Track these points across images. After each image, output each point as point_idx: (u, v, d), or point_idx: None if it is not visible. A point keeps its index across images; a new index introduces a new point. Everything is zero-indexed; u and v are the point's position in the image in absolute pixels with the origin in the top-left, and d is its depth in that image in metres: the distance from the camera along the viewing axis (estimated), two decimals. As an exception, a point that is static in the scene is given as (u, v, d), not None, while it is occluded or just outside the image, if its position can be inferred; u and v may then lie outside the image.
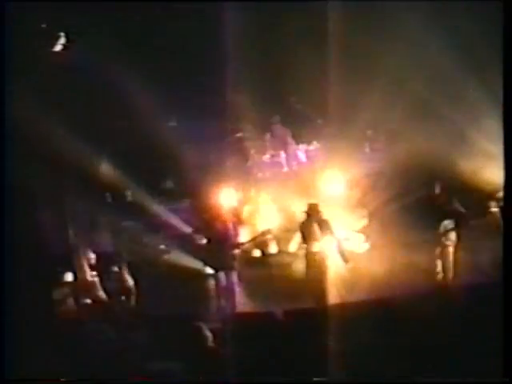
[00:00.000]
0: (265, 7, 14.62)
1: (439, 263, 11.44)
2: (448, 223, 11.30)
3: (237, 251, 11.72)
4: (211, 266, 11.68)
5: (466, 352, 7.00)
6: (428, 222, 11.65)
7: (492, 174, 12.28)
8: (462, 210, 11.31)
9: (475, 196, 12.36)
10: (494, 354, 6.77)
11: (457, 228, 11.28)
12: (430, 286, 10.85)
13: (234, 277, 11.60)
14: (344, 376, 6.88)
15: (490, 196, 12.08)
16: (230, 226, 11.62)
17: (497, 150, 10.30)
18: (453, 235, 11.29)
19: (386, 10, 14.12)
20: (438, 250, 11.46)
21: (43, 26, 13.94)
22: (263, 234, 13.03)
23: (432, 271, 11.53)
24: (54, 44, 14.20)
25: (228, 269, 11.48)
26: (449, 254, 11.29)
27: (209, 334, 8.04)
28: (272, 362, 7.47)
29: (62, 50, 14.27)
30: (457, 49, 14.02)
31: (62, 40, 14.25)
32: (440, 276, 11.39)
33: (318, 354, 7.38)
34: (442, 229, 11.31)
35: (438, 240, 11.37)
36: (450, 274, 11.27)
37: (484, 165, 13.71)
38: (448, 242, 11.29)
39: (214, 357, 7.79)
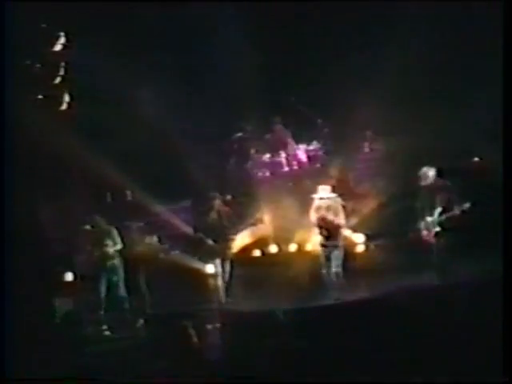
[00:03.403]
0: (265, 7, 14.61)
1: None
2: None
3: (228, 243, 12.01)
4: (208, 259, 11.88)
5: (465, 352, 7.00)
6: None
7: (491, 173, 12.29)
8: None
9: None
10: (494, 354, 6.77)
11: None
12: (430, 284, 10.83)
13: (227, 266, 11.95)
14: (344, 376, 6.88)
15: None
16: (223, 216, 11.90)
17: (496, 149, 10.31)
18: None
19: (385, 11, 14.13)
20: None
21: (43, 26, 13.93)
22: (252, 224, 13.18)
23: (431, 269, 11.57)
24: (54, 44, 14.19)
25: (224, 259, 11.83)
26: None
27: (194, 335, 8.06)
28: (272, 361, 7.47)
29: (62, 49, 14.25)
30: (457, 48, 14.04)
31: (62, 40, 14.24)
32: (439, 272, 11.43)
33: (317, 354, 7.38)
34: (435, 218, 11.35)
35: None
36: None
37: (483, 164, 13.75)
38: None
39: (209, 356, 7.79)
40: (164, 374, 7.74)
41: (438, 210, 11.27)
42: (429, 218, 11.31)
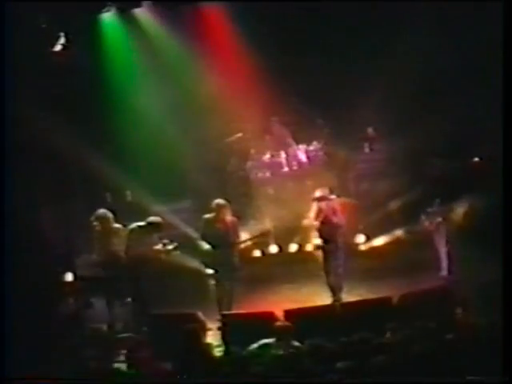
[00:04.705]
0: (265, 7, 14.60)
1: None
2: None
3: (235, 252, 11.58)
4: (210, 267, 11.65)
5: (465, 352, 7.00)
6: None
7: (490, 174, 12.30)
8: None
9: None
10: (493, 354, 6.77)
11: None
12: (429, 284, 10.83)
13: (234, 276, 11.58)
14: (344, 376, 6.87)
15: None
16: (229, 226, 11.54)
17: (496, 149, 10.31)
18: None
19: (385, 10, 14.13)
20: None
21: (43, 26, 13.94)
22: (262, 234, 12.99)
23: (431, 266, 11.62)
24: (53, 44, 14.20)
25: (227, 269, 11.45)
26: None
27: (195, 336, 8.04)
28: (271, 362, 7.46)
29: (62, 49, 14.26)
30: (456, 48, 14.04)
31: (62, 40, 14.24)
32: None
33: (317, 354, 7.37)
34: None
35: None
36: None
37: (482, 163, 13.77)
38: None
39: (210, 356, 7.78)
40: (165, 375, 7.73)
41: (438, 200, 11.37)
42: (429, 209, 11.42)
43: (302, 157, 15.27)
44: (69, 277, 13.18)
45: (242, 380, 7.21)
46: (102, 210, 11.68)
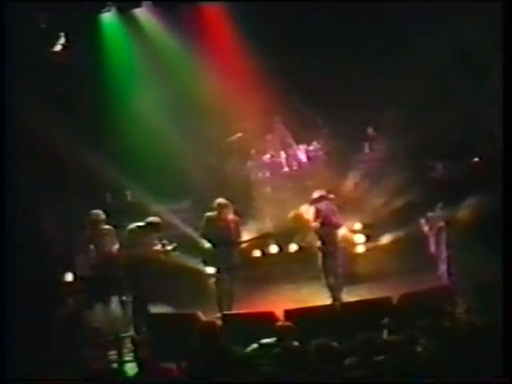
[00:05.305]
0: (265, 7, 14.60)
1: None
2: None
3: (236, 251, 11.61)
4: (211, 266, 11.64)
5: (465, 352, 7.00)
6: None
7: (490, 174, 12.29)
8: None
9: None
10: (494, 354, 6.77)
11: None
12: (429, 284, 10.83)
13: (234, 275, 11.56)
14: (344, 376, 6.87)
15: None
16: (231, 226, 11.54)
17: (496, 149, 10.33)
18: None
19: (385, 10, 14.13)
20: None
21: (43, 26, 13.94)
22: (264, 236, 12.96)
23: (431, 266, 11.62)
24: (54, 44, 14.20)
25: (228, 268, 11.45)
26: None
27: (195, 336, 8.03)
28: (271, 362, 7.46)
29: (62, 49, 14.27)
30: (456, 48, 14.05)
31: (62, 40, 14.25)
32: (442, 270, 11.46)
33: (318, 354, 7.37)
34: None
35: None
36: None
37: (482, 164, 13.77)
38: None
39: (210, 357, 7.78)
40: (165, 375, 7.74)
41: (440, 204, 11.33)
42: (430, 214, 11.37)
43: (302, 157, 15.26)
44: (69, 277, 13.16)
45: (242, 380, 7.21)
46: (93, 211, 11.70)
